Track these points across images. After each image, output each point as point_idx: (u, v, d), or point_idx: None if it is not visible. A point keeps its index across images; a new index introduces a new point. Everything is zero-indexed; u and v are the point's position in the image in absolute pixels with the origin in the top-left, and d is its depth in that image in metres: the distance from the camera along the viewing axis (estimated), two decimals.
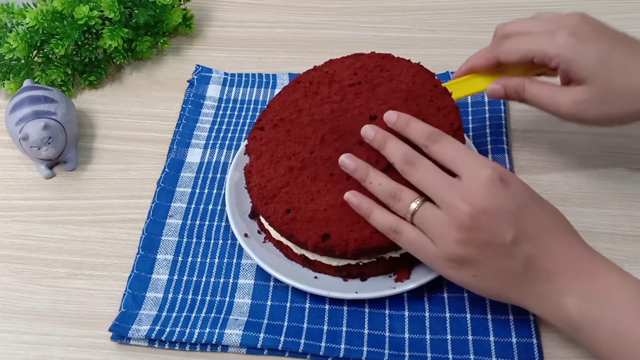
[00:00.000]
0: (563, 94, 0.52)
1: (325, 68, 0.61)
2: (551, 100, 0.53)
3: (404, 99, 0.56)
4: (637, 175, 0.61)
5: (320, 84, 0.60)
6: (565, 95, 0.52)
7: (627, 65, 0.50)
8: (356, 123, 0.55)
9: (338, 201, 0.52)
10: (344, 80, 0.59)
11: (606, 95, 0.50)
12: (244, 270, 0.58)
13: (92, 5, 0.72)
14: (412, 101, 0.55)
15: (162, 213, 0.63)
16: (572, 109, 0.52)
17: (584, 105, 0.51)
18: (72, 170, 0.68)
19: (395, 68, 0.59)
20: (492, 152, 0.63)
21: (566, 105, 0.52)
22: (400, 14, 0.82)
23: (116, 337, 0.54)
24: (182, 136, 0.69)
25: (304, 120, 0.58)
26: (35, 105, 0.65)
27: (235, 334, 0.53)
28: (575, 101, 0.51)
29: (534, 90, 0.54)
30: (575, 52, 0.50)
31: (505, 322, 0.52)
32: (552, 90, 0.53)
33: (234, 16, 0.85)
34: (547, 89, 0.53)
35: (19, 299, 0.58)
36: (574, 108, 0.52)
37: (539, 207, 0.47)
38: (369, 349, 0.51)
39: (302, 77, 0.61)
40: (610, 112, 0.51)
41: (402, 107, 0.55)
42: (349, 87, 0.58)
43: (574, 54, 0.50)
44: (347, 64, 0.60)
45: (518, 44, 0.53)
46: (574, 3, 0.79)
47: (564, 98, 0.52)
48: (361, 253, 0.51)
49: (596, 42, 0.51)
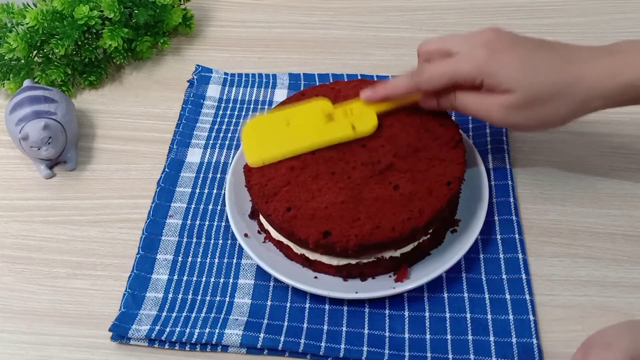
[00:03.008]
0: (492, 102, 0.52)
1: (332, 85, 0.62)
2: (482, 108, 0.52)
3: (408, 113, 0.57)
4: (637, 175, 0.61)
5: (326, 97, 0.60)
6: (495, 103, 0.51)
7: (550, 66, 0.50)
8: None
9: (339, 199, 0.52)
10: (349, 97, 0.60)
11: (533, 99, 0.50)
12: (244, 270, 0.58)
13: (92, 5, 0.72)
14: (415, 115, 0.57)
15: (162, 213, 0.63)
16: (502, 115, 0.51)
17: (513, 111, 0.51)
18: (72, 170, 0.68)
19: None
20: (492, 152, 0.63)
21: (496, 114, 0.52)
22: (400, 14, 0.82)
23: (116, 337, 0.54)
24: (182, 136, 0.69)
25: None
26: (35, 105, 0.65)
27: (235, 334, 0.53)
28: (504, 107, 0.51)
29: (465, 99, 0.53)
30: (495, 66, 0.50)
31: (505, 322, 0.52)
32: (482, 98, 0.52)
33: (234, 16, 0.85)
34: (478, 98, 0.53)
35: (19, 299, 0.58)
36: (504, 115, 0.51)
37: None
38: (369, 349, 0.51)
39: (307, 91, 0.62)
40: (539, 116, 0.51)
41: (405, 119, 0.57)
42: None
43: (495, 67, 0.50)
44: (353, 84, 0.62)
45: (438, 71, 0.53)
46: (574, 3, 0.80)
47: (493, 106, 0.51)
48: (362, 249, 0.51)
49: (514, 51, 0.51)
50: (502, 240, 0.57)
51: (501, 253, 0.56)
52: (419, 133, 0.56)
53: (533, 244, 0.57)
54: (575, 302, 0.53)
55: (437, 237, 0.55)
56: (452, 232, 0.56)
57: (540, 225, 0.58)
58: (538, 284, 0.54)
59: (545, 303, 0.53)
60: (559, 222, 0.58)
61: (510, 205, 0.59)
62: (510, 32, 0.52)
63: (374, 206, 0.52)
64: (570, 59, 0.50)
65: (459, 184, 0.53)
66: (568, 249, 0.57)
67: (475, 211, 0.56)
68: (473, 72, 0.51)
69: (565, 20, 0.77)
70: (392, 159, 0.54)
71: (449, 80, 0.52)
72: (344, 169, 0.54)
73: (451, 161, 0.54)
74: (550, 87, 0.49)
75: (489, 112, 0.52)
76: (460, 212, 0.58)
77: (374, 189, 0.53)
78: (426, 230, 0.52)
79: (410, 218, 0.51)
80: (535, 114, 0.51)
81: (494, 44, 0.51)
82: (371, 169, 0.54)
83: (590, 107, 0.50)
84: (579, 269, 0.55)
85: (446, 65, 0.52)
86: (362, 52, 0.77)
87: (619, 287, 0.54)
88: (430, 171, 0.53)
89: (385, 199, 0.52)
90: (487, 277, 0.55)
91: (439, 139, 0.56)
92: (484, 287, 0.54)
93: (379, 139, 0.56)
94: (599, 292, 0.54)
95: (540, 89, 0.50)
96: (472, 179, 0.58)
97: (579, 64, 0.50)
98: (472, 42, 0.52)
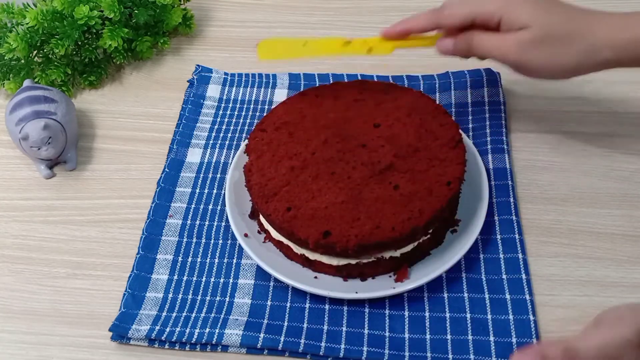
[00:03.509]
0: (509, 37, 0.54)
1: (332, 85, 0.63)
2: (498, 46, 0.55)
3: (408, 113, 0.58)
4: (637, 175, 0.61)
5: (326, 97, 0.61)
6: (511, 39, 0.54)
7: (564, 12, 0.53)
8: (359, 129, 0.57)
9: (339, 199, 0.52)
10: (349, 97, 0.61)
11: (548, 37, 0.53)
12: (244, 270, 0.58)
13: (92, 5, 0.72)
14: (415, 115, 0.57)
15: (162, 213, 0.63)
16: (518, 52, 0.54)
17: (528, 46, 0.53)
18: (72, 170, 0.68)
19: (399, 92, 0.61)
20: (492, 152, 0.63)
21: (512, 49, 0.54)
22: (400, 14, 0.81)
23: (116, 337, 0.54)
24: (182, 136, 0.69)
25: (307, 124, 0.59)
26: (35, 105, 0.65)
27: (235, 334, 0.53)
28: (519, 43, 0.53)
29: (482, 40, 0.56)
30: (513, 4, 0.54)
31: (505, 322, 0.52)
32: (498, 37, 0.55)
33: (234, 16, 0.85)
34: (494, 37, 0.55)
35: (19, 299, 0.58)
36: (520, 50, 0.54)
37: None
38: (369, 349, 0.51)
39: (307, 91, 0.63)
40: (555, 55, 0.53)
41: (405, 119, 0.57)
42: (354, 101, 0.60)
43: (512, 6, 0.54)
44: (353, 85, 0.62)
45: (459, 9, 0.56)
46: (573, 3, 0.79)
47: (510, 41, 0.54)
48: (362, 249, 0.51)
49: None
50: (502, 240, 0.57)
51: (501, 253, 0.56)
52: (419, 133, 0.56)
53: (533, 244, 0.57)
54: (575, 302, 0.53)
55: (437, 237, 0.55)
56: (452, 232, 0.56)
57: (540, 225, 0.58)
58: (538, 284, 0.54)
59: (545, 303, 0.53)
60: (559, 222, 0.58)
61: (510, 205, 0.59)
62: None
63: (374, 206, 0.52)
64: (584, 10, 0.53)
65: (459, 184, 0.53)
66: (568, 249, 0.57)
67: (475, 211, 0.56)
68: (492, 9, 0.54)
69: None
70: (392, 159, 0.54)
71: (468, 15, 0.55)
72: (344, 169, 0.54)
73: (451, 161, 0.54)
74: (564, 28, 0.52)
75: (505, 49, 0.55)
76: (460, 212, 0.58)
77: (374, 189, 0.53)
78: (426, 230, 0.52)
79: (410, 218, 0.51)
80: (547, 52, 0.53)
81: None
82: (371, 169, 0.54)
83: (600, 56, 0.52)
84: (579, 269, 0.55)
85: (468, 3, 0.56)
86: None
87: (619, 287, 0.54)
88: (430, 171, 0.53)
89: (385, 199, 0.52)
90: (487, 277, 0.55)
91: (439, 139, 0.56)
92: (484, 287, 0.54)
93: (379, 139, 0.56)
94: (599, 292, 0.53)
95: (554, 28, 0.53)
96: (472, 179, 0.58)
97: (593, 16, 0.53)
98: None
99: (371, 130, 0.57)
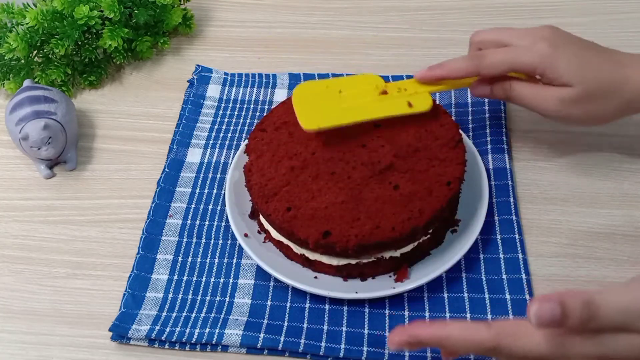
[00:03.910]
0: (550, 93, 0.54)
1: None
2: (538, 99, 0.55)
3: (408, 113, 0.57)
4: (637, 175, 0.61)
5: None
6: (552, 95, 0.54)
7: (603, 66, 0.53)
8: (360, 129, 0.56)
9: (339, 199, 0.52)
10: None
11: (589, 95, 0.53)
12: (244, 270, 0.58)
13: (92, 5, 0.72)
14: (415, 114, 0.57)
15: (162, 213, 0.63)
16: (558, 107, 0.54)
17: (569, 104, 0.53)
18: (72, 170, 0.68)
19: None
20: (492, 152, 0.63)
21: (552, 105, 0.54)
22: (400, 14, 0.82)
23: (116, 337, 0.54)
24: (182, 136, 0.69)
25: None
26: (35, 105, 0.65)
27: (235, 334, 0.53)
28: (560, 100, 0.54)
29: (521, 89, 0.56)
30: (556, 59, 0.53)
31: None
32: (539, 89, 0.55)
33: (234, 16, 0.85)
34: (534, 89, 0.55)
35: (19, 299, 0.58)
36: (559, 107, 0.54)
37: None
38: (369, 349, 0.51)
39: None
40: (593, 111, 0.54)
41: (405, 119, 0.56)
42: None
43: (556, 61, 0.53)
44: None
45: (500, 58, 0.55)
46: (574, 3, 0.80)
47: (550, 97, 0.54)
48: (362, 249, 0.51)
49: (572, 48, 0.54)
50: (502, 240, 0.57)
51: (501, 253, 0.56)
52: (419, 133, 0.56)
53: (533, 244, 0.57)
54: None
55: (437, 237, 0.55)
56: (452, 232, 0.56)
57: (540, 225, 0.58)
58: (538, 284, 0.54)
59: None
60: (559, 222, 0.58)
61: (510, 205, 0.59)
62: (564, 31, 0.56)
63: (374, 206, 0.52)
64: (619, 61, 0.54)
65: (459, 184, 0.53)
66: (568, 249, 0.57)
67: (475, 211, 0.56)
68: (535, 63, 0.53)
69: (565, 20, 0.77)
70: (392, 159, 0.54)
71: (509, 67, 0.55)
72: (344, 169, 0.54)
73: (451, 161, 0.54)
74: (604, 85, 0.53)
75: (545, 103, 0.55)
76: (460, 212, 0.58)
77: (374, 189, 0.53)
78: (426, 230, 0.52)
79: (410, 218, 0.51)
80: (587, 109, 0.54)
81: (553, 39, 0.54)
82: (371, 169, 0.54)
83: (634, 107, 0.54)
84: (579, 269, 0.55)
85: (509, 53, 0.55)
86: (362, 52, 0.77)
87: None
88: (430, 171, 0.53)
89: (385, 199, 0.52)
90: (487, 277, 0.55)
91: (439, 139, 0.56)
92: (484, 287, 0.54)
93: (379, 139, 0.56)
94: None
95: (596, 86, 0.53)
96: (472, 179, 0.58)
97: (627, 68, 0.53)
98: (531, 35, 0.55)
99: (371, 130, 0.57)
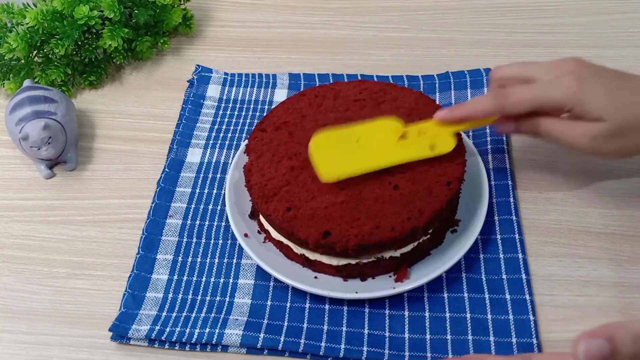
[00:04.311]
0: (579, 130, 0.52)
1: (331, 86, 0.63)
2: (568, 136, 0.52)
3: (407, 114, 0.57)
4: (637, 175, 0.61)
5: (326, 97, 0.61)
6: (582, 132, 0.51)
7: (634, 98, 0.51)
8: None
9: (339, 199, 0.52)
10: (349, 97, 0.60)
11: (621, 130, 0.50)
12: (244, 270, 0.58)
13: (92, 5, 0.72)
14: (415, 116, 0.57)
15: (162, 213, 0.63)
16: (590, 144, 0.51)
17: (601, 139, 0.51)
18: (72, 170, 0.68)
19: (399, 93, 0.61)
20: (492, 152, 0.63)
21: (584, 141, 0.52)
22: (400, 14, 0.82)
23: (116, 337, 0.54)
24: (182, 136, 0.69)
25: (307, 124, 0.58)
26: (35, 105, 0.65)
27: (235, 334, 0.53)
28: (592, 137, 0.51)
29: (550, 126, 0.53)
30: (585, 95, 0.50)
31: (505, 322, 0.52)
32: (568, 125, 0.52)
33: (234, 16, 0.85)
34: (563, 125, 0.53)
35: (19, 299, 0.58)
36: (591, 143, 0.51)
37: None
38: (369, 349, 0.51)
39: (307, 91, 0.63)
40: (627, 145, 0.52)
41: (405, 119, 0.56)
42: (354, 101, 0.60)
43: (585, 96, 0.50)
44: (353, 85, 0.62)
45: (526, 97, 0.52)
46: (574, 4, 0.80)
47: (582, 134, 0.51)
48: (361, 249, 0.51)
49: (600, 81, 0.51)
50: (502, 240, 0.57)
51: (501, 253, 0.56)
52: None
53: (533, 244, 0.57)
54: (575, 302, 0.53)
55: (437, 237, 0.55)
56: (452, 232, 0.56)
57: (540, 225, 0.58)
58: (538, 284, 0.54)
59: (545, 303, 0.53)
60: (559, 222, 0.58)
61: (510, 205, 0.59)
62: (590, 62, 0.53)
63: (374, 206, 0.52)
64: None
65: (459, 184, 0.53)
66: (568, 249, 0.57)
67: (475, 211, 0.56)
68: (563, 100, 0.51)
69: (565, 20, 0.77)
70: None
71: (535, 105, 0.52)
72: None
73: (451, 161, 0.54)
74: (634, 120, 0.50)
75: (576, 139, 0.52)
76: (460, 212, 0.58)
77: (373, 189, 0.53)
78: (426, 230, 0.52)
79: (410, 218, 0.51)
80: (618, 144, 0.51)
81: (579, 72, 0.51)
82: None
83: None
84: (579, 269, 0.55)
85: (534, 90, 0.52)
86: (362, 52, 0.77)
87: (619, 287, 0.54)
88: (430, 171, 0.53)
89: (385, 199, 0.52)
90: (487, 277, 0.55)
91: None
92: (484, 287, 0.54)
93: None
94: (599, 292, 0.53)
95: (627, 121, 0.50)
96: (472, 179, 0.58)
97: None
98: (555, 69, 0.52)
99: None
